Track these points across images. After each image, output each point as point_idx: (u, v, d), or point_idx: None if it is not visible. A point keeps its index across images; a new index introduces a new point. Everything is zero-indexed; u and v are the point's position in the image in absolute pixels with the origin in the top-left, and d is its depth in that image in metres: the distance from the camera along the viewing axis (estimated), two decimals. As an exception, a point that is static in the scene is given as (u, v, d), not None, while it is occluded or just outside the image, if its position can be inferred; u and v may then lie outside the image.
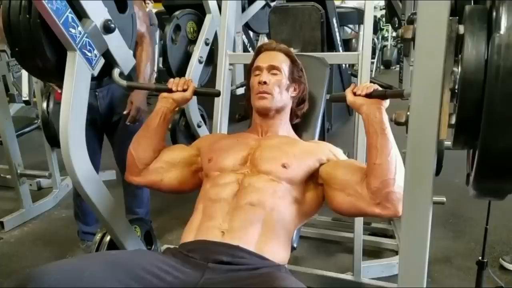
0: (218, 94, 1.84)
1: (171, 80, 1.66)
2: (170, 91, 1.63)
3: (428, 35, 0.71)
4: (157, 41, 4.62)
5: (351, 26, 7.30)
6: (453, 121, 0.73)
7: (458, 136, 0.74)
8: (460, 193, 2.53)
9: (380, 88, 1.41)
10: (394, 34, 10.09)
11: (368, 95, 1.39)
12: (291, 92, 1.60)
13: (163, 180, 1.55)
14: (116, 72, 1.68)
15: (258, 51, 1.65)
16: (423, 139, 0.74)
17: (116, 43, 1.61)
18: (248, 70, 1.68)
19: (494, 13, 0.68)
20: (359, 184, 1.30)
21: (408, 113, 0.78)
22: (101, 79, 1.67)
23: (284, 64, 1.59)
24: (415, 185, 0.77)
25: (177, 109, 1.73)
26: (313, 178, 1.43)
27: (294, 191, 1.37)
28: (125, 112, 2.14)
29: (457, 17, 0.74)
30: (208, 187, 1.42)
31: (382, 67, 9.97)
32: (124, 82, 1.70)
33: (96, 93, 2.15)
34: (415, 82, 0.74)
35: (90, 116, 2.15)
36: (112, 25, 1.55)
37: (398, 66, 9.58)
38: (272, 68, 1.56)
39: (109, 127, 2.28)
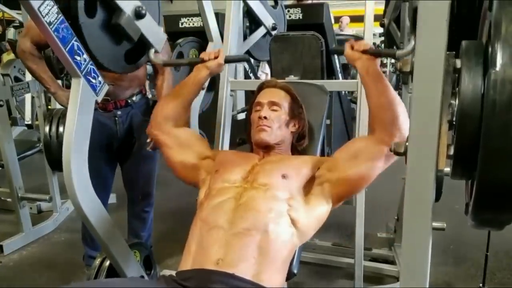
0: (247, 59, 2.09)
1: (203, 52, 1.77)
2: (202, 61, 1.72)
3: (426, 68, 0.74)
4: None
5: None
6: (451, 151, 0.75)
7: (456, 167, 0.76)
8: (460, 219, 2.48)
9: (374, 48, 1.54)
10: (393, 61, 10.26)
11: (365, 51, 1.49)
12: (291, 127, 1.65)
13: (172, 150, 1.63)
14: (152, 52, 1.72)
15: (260, 88, 1.72)
16: (422, 169, 0.76)
17: (148, 26, 1.65)
18: (250, 106, 1.73)
19: (490, 49, 0.71)
20: (365, 140, 1.45)
21: (407, 143, 0.80)
22: (136, 61, 1.72)
23: (284, 101, 1.64)
24: (414, 214, 0.78)
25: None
26: (311, 184, 1.45)
27: (291, 209, 1.37)
28: (148, 140, 2.13)
29: (454, 52, 0.77)
30: (205, 205, 1.43)
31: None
32: (161, 61, 1.77)
33: (116, 118, 2.19)
34: (413, 113, 0.77)
35: (107, 141, 2.21)
36: (143, 11, 1.59)
37: (396, 92, 9.68)
38: (272, 104, 1.61)
39: (125, 151, 2.30)
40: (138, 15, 1.58)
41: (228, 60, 1.80)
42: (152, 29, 1.68)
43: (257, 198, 1.36)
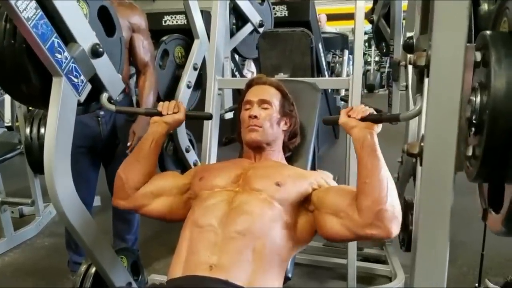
0: (209, 117, 1.81)
1: (161, 103, 1.63)
2: (160, 114, 1.60)
3: (445, 62, 0.68)
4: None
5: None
6: (469, 152, 0.70)
7: (482, 169, 0.70)
8: (451, 217, 2.51)
9: (375, 112, 1.39)
10: (377, 58, 10.35)
11: (363, 119, 1.36)
12: (282, 126, 1.59)
13: (151, 205, 1.50)
14: (104, 96, 1.62)
15: (249, 85, 1.65)
16: (439, 172, 0.70)
17: (104, 67, 1.57)
18: (239, 104, 1.66)
19: None
20: (350, 206, 1.25)
21: (422, 144, 0.74)
22: (88, 105, 1.63)
23: (275, 98, 1.59)
24: (430, 222, 0.72)
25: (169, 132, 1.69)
26: (304, 205, 1.39)
27: (286, 215, 1.33)
28: (128, 144, 2.13)
29: (474, 44, 0.72)
30: (196, 208, 1.37)
31: (365, 90, 10.13)
32: (112, 107, 1.64)
33: (99, 118, 2.13)
34: (429, 111, 0.71)
35: (90, 143, 2.15)
36: (101, 49, 1.51)
37: (380, 89, 9.78)
38: (262, 102, 1.56)
39: (109, 153, 2.24)
40: (95, 53, 1.49)
41: (189, 116, 1.66)
42: (109, 73, 1.59)
43: (251, 202, 1.31)
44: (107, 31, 1.62)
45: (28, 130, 2.68)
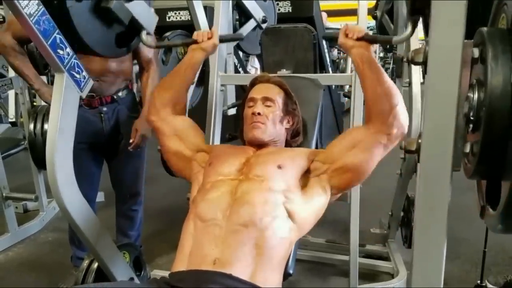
0: (242, 38, 2.03)
1: (196, 32, 1.71)
2: (196, 42, 1.67)
3: (442, 59, 0.67)
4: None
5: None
6: (467, 149, 0.70)
7: (479, 166, 0.69)
8: (453, 214, 2.48)
9: (370, 33, 1.49)
10: (381, 55, 10.27)
11: (360, 38, 1.44)
12: (285, 124, 1.61)
13: (168, 138, 1.58)
14: (144, 34, 1.68)
15: (253, 83, 1.67)
16: (437, 169, 0.70)
17: (139, 8, 1.61)
18: (242, 102, 1.68)
19: None
20: (361, 129, 1.40)
21: (420, 140, 0.74)
22: (128, 44, 1.67)
23: (278, 96, 1.60)
24: (427, 218, 0.72)
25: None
26: (307, 175, 1.43)
27: (288, 201, 1.33)
28: (131, 141, 2.13)
29: (472, 40, 0.71)
30: (199, 200, 1.38)
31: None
32: (153, 43, 1.74)
33: (102, 114, 2.13)
34: (427, 108, 0.71)
35: (92, 139, 2.14)
36: None
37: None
38: (266, 100, 1.57)
39: (112, 149, 2.24)
40: None
41: (222, 40, 1.76)
42: (143, 11, 1.64)
43: (252, 191, 1.32)
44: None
45: (32, 126, 2.68)
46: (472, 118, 0.68)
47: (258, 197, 1.31)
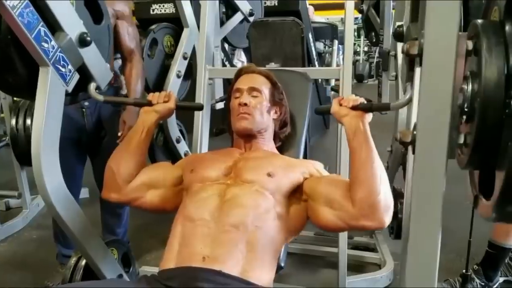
0: (201, 107, 1.78)
1: (151, 94, 1.61)
2: (150, 104, 1.57)
3: (437, 51, 0.68)
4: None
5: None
6: (461, 140, 0.71)
7: (473, 156, 0.71)
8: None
9: (366, 102, 1.39)
10: (366, 48, 10.36)
11: (354, 107, 1.37)
12: (272, 114, 1.59)
13: (145, 198, 1.47)
14: (92, 86, 1.59)
15: (238, 74, 1.63)
16: (432, 160, 0.71)
17: (92, 56, 1.54)
18: (228, 93, 1.65)
19: (507, 27, 0.66)
20: (343, 197, 1.26)
21: (415, 132, 0.75)
22: (75, 95, 1.60)
23: (265, 87, 1.57)
24: (421, 209, 0.73)
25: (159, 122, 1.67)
26: (296, 194, 1.38)
27: (278, 205, 1.32)
28: (119, 134, 2.08)
29: (466, 32, 0.72)
30: (187, 202, 1.36)
31: (354, 81, 10.14)
32: (100, 97, 1.61)
33: (84, 109, 2.07)
34: (422, 99, 0.71)
35: (74, 135, 2.10)
36: (88, 38, 1.48)
37: (370, 80, 9.81)
38: (252, 90, 1.54)
39: (95, 145, 2.19)
40: (83, 42, 1.46)
41: (180, 107, 1.62)
42: (96, 62, 1.56)
43: (243, 195, 1.30)
44: (95, 19, 1.59)
45: (13, 122, 2.64)
46: (466, 109, 0.69)
47: (249, 201, 1.29)
